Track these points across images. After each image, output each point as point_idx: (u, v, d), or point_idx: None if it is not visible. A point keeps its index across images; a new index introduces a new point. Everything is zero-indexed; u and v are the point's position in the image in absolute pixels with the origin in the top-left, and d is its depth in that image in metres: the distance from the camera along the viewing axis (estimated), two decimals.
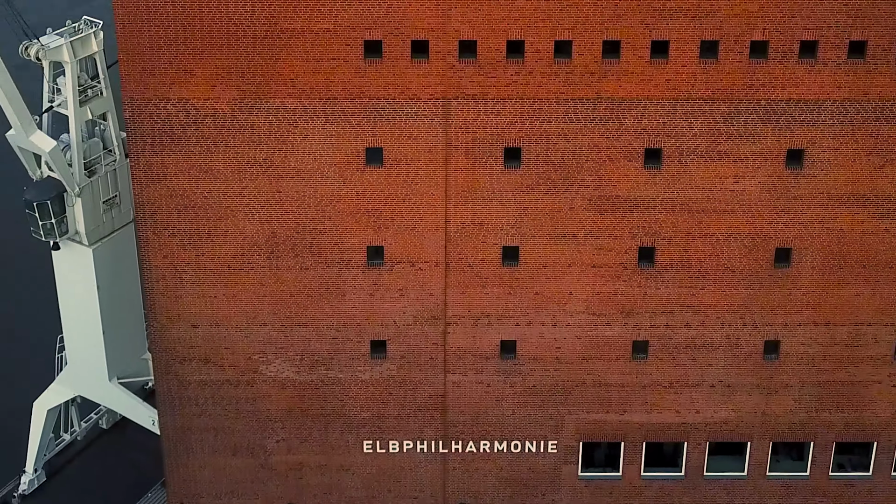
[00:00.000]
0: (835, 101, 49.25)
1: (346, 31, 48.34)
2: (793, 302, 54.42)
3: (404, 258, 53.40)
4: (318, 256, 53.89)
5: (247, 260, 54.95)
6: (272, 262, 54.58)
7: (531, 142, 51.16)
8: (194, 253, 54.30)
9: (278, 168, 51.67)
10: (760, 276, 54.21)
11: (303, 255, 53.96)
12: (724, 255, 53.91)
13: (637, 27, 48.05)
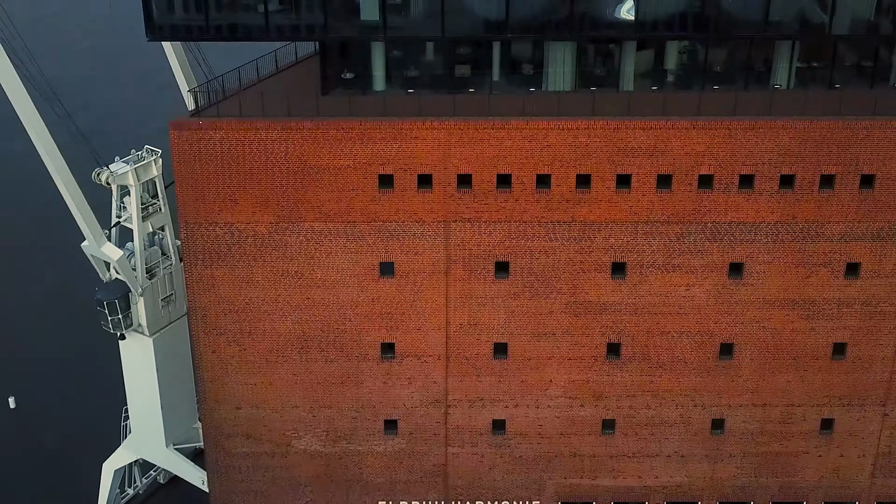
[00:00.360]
0: (769, 224, 48.55)
1: (363, 167, 47.62)
2: (735, 387, 53.26)
3: (412, 353, 52.26)
4: (341, 351, 52.60)
5: (281, 354, 53.67)
6: (302, 356, 53.35)
7: (517, 257, 50.22)
8: (238, 348, 52.97)
9: (307, 279, 50.50)
10: (708, 367, 52.87)
11: (328, 350, 52.66)
12: (677, 350, 52.64)
13: (604, 163, 47.46)
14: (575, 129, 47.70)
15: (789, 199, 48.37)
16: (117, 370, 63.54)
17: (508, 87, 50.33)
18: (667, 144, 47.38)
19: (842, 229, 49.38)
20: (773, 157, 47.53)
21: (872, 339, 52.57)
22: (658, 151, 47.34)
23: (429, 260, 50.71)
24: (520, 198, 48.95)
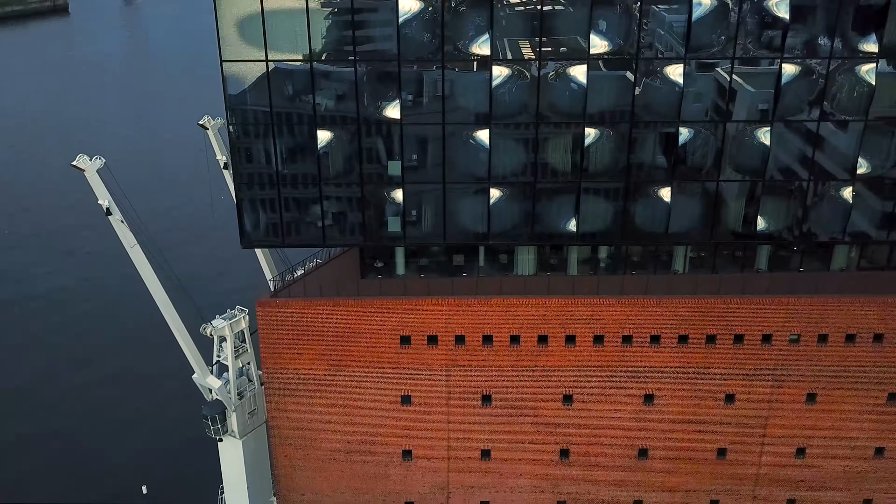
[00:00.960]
0: (671, 367, 46.70)
1: (389, 331, 46.21)
2: (649, 479, 50.50)
3: (424, 456, 49.71)
4: (374, 456, 49.79)
5: (333, 458, 50.22)
6: (347, 459, 50.06)
7: (496, 391, 47.97)
8: (302, 454, 50.15)
9: (350, 407, 48.28)
10: (630, 465, 50.06)
11: (365, 455, 49.86)
12: (608, 453, 49.83)
13: (557, 327, 45.81)
14: (536, 304, 45.75)
15: (685, 351, 46.61)
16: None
17: (490, 272, 47.93)
18: (600, 315, 45.63)
19: (721, 371, 47.08)
20: (673, 323, 45.73)
21: (744, 447, 49.73)
22: (594, 319, 45.81)
23: (435, 394, 48.36)
24: (498, 351, 46.77)
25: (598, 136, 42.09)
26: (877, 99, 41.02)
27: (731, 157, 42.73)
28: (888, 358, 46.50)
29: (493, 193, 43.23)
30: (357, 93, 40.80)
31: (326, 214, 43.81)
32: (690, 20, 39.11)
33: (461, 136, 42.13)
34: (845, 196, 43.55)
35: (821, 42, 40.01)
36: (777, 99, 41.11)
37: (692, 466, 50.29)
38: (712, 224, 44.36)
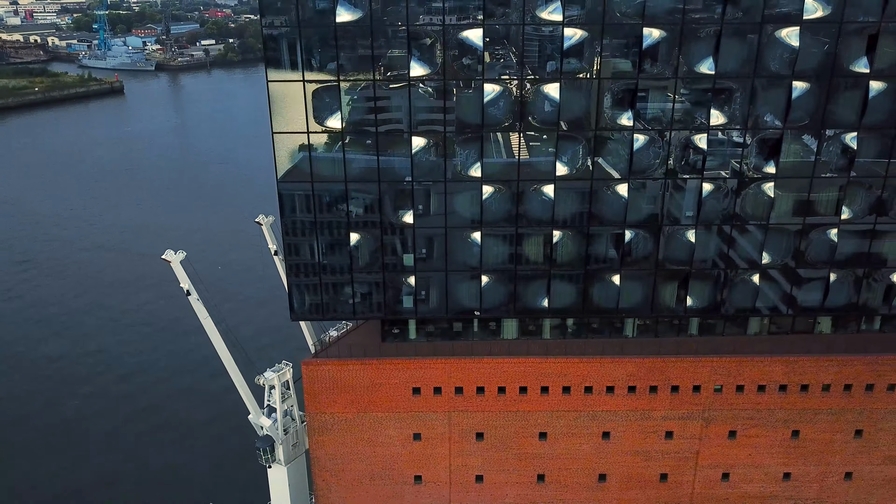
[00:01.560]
0: (623, 411, 50.02)
1: (404, 384, 49.47)
2: (608, 498, 53.11)
3: (432, 480, 52.54)
4: (392, 480, 52.40)
5: (360, 482, 52.79)
6: (372, 482, 52.53)
7: (487, 430, 50.86)
8: (336, 478, 52.83)
9: (374, 442, 51.15)
10: (592, 487, 52.75)
11: (385, 479, 52.40)
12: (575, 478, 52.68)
13: (534, 380, 49.09)
14: (518, 363, 48.82)
15: (633, 398, 49.63)
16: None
17: (482, 337, 50.80)
18: (567, 370, 48.80)
19: (662, 414, 49.99)
20: (624, 377, 48.92)
21: (680, 472, 52.25)
22: (562, 374, 48.96)
23: (439, 432, 51.06)
24: (489, 399, 49.68)
25: (563, 235, 47.05)
26: (775, 209, 46.22)
27: (665, 251, 47.46)
28: (791, 403, 50.65)
29: (483, 279, 47.73)
30: (381, 204, 45.89)
31: (356, 295, 48.20)
32: (632, 151, 44.52)
33: (460, 236, 47.09)
34: (754, 280, 48.42)
35: (731, 165, 45.31)
36: (699, 209, 46.21)
37: (640, 488, 53.24)
38: (652, 301, 48.72)
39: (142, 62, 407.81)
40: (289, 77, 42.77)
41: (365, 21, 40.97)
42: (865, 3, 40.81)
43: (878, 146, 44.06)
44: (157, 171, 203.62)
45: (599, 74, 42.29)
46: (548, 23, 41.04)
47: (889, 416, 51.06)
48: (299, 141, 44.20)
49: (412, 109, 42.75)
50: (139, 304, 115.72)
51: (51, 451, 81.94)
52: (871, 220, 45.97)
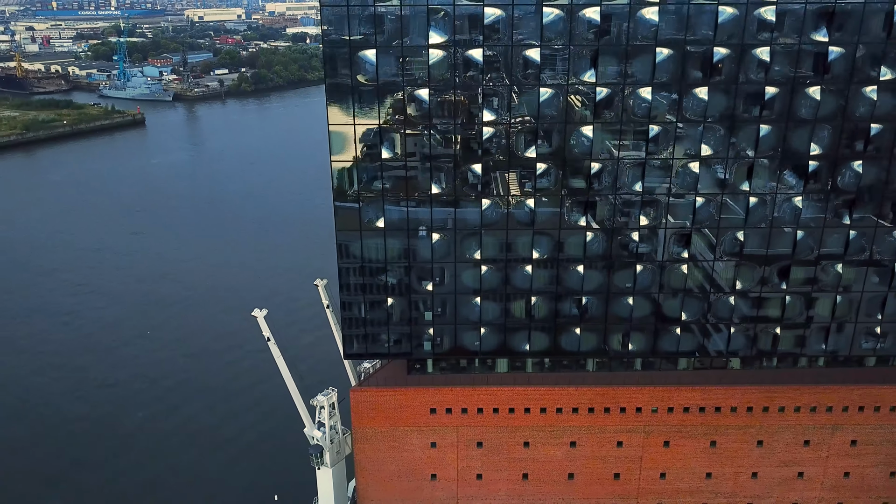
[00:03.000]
0: (586, 426, 67.04)
1: (423, 405, 66.37)
2: (575, 492, 69.73)
3: (443, 478, 69.22)
4: (415, 477, 69.21)
5: (391, 479, 68.87)
6: (399, 479, 68.74)
7: (486, 440, 67.45)
8: (373, 477, 68.99)
9: (401, 449, 67.81)
10: (563, 483, 69.48)
11: (410, 477, 69.06)
12: (551, 476, 69.37)
13: (520, 403, 66.02)
14: (507, 391, 65.72)
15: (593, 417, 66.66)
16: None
17: (482, 371, 67.92)
18: (544, 396, 65.94)
19: (614, 428, 67.01)
20: (585, 401, 66.06)
21: (629, 473, 68.89)
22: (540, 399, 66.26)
23: (450, 441, 67.51)
24: (486, 417, 66.27)
25: (538, 299, 65.52)
26: (688, 281, 65.07)
27: (612, 311, 66.00)
28: (708, 421, 68.48)
29: (482, 330, 65.95)
30: (409, 277, 64.73)
31: (391, 341, 66.57)
32: (585, 246, 63.50)
33: (465, 300, 65.71)
34: (677, 331, 67.07)
35: (657, 253, 63.79)
36: (635, 284, 65.02)
37: (599, 484, 70.39)
38: (605, 346, 67.08)
39: (160, 93, 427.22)
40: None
41: None
42: None
43: (759, 239, 62.79)
44: (188, 203, 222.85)
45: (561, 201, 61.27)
46: None
47: (781, 430, 69.39)
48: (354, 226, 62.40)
49: (432, 218, 61.58)
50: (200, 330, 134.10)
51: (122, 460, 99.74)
52: (758, 290, 64.75)
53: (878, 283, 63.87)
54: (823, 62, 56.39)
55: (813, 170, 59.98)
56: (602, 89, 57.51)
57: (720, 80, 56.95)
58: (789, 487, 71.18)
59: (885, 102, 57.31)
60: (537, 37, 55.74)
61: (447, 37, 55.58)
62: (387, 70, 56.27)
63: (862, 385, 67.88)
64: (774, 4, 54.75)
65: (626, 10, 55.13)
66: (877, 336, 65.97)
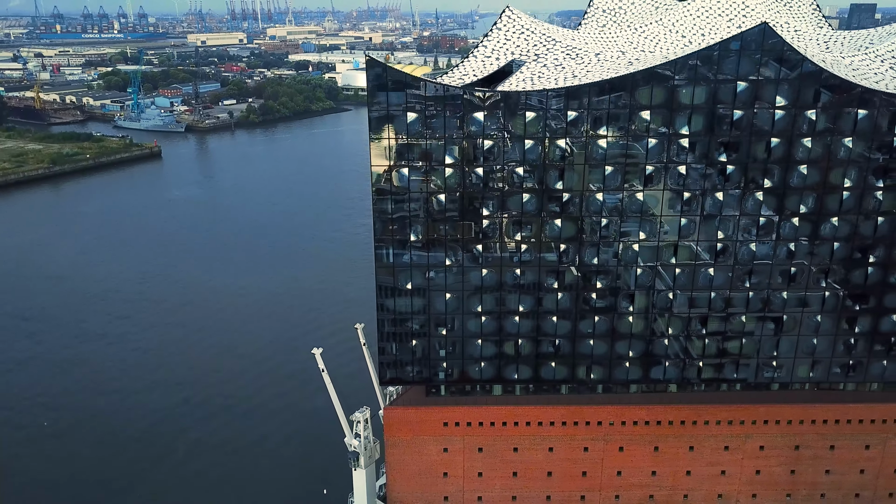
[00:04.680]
0: (559, 436, 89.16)
1: (438, 420, 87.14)
2: (553, 486, 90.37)
3: (453, 475, 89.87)
4: (430, 476, 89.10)
5: (413, 477, 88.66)
6: (419, 477, 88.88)
7: (485, 446, 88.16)
8: (400, 475, 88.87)
9: (420, 453, 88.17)
10: (544, 479, 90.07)
11: (427, 475, 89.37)
12: (534, 474, 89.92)
13: (510, 419, 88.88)
14: (502, 409, 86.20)
15: (565, 428, 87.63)
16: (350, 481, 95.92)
17: (482, 394, 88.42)
18: (529, 413, 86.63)
19: (581, 437, 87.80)
20: (559, 416, 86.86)
21: (593, 471, 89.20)
22: (526, 415, 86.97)
23: (458, 448, 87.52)
24: (485, 429, 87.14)
25: (523, 342, 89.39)
26: (630, 330, 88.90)
27: (577, 351, 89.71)
28: (651, 431, 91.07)
29: (482, 363, 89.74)
30: (429, 324, 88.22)
31: (414, 371, 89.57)
32: (558, 299, 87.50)
33: (470, 342, 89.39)
34: (626, 364, 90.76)
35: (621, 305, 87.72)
36: (594, 328, 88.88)
37: (571, 480, 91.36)
38: (573, 376, 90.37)
39: (173, 124, 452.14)
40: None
41: None
42: None
43: (684, 299, 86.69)
44: (211, 234, 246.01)
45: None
46: None
47: (707, 438, 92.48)
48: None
49: (447, 281, 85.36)
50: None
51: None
52: (685, 335, 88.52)
53: (773, 329, 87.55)
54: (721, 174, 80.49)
55: (720, 249, 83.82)
56: (567, 194, 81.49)
57: (652, 187, 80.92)
58: (715, 482, 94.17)
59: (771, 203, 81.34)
60: (522, 159, 79.73)
61: (457, 159, 79.57)
62: (416, 177, 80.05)
63: (767, 404, 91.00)
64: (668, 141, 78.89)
65: (583, 139, 79.27)
66: (774, 368, 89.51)
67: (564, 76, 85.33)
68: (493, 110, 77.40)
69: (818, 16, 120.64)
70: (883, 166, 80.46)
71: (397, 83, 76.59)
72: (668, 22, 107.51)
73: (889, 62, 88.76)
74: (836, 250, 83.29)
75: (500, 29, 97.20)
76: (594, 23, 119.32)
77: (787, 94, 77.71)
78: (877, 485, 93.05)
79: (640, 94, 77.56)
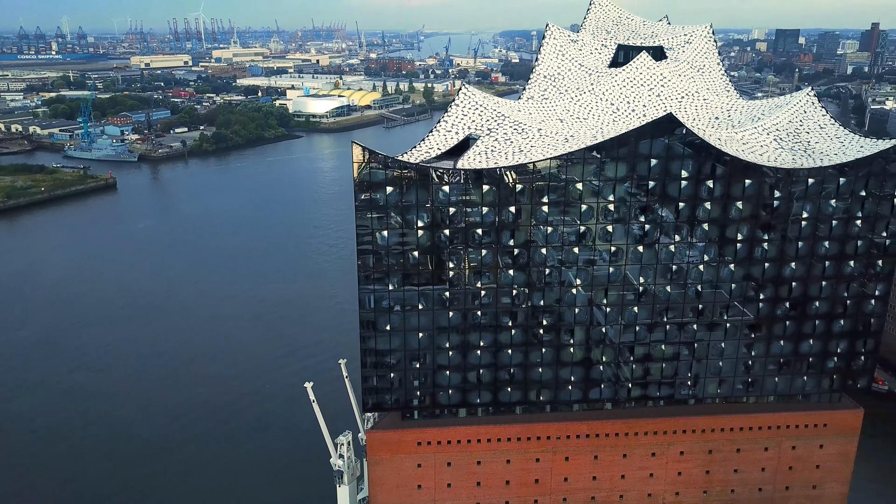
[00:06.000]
0: (517, 450, 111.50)
1: (412, 440, 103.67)
2: (512, 493, 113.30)
3: (426, 487, 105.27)
4: (407, 488, 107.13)
5: (393, 489, 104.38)
6: (398, 489, 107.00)
7: (453, 461, 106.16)
8: (381, 489, 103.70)
9: (397, 469, 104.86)
10: (503, 488, 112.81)
11: (405, 487, 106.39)
12: (495, 483, 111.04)
13: (483, 436, 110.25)
14: (464, 429, 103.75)
15: (520, 443, 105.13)
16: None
17: (449, 417, 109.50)
18: (487, 432, 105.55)
19: (534, 449, 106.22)
20: (514, 434, 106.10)
21: (544, 478, 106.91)
22: (486, 434, 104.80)
23: (430, 463, 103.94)
24: (452, 446, 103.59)
25: (483, 371, 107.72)
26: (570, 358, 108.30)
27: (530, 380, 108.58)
28: (592, 442, 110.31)
29: (450, 391, 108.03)
30: (405, 359, 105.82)
31: (393, 400, 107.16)
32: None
33: (439, 373, 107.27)
34: (569, 388, 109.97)
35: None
36: (541, 359, 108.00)
37: (525, 487, 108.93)
38: (525, 400, 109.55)
39: (125, 154, 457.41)
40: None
41: None
42: None
43: (614, 331, 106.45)
44: (171, 268, 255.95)
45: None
46: None
47: (637, 447, 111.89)
48: None
49: (419, 324, 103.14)
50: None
51: None
52: (615, 363, 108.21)
53: (688, 355, 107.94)
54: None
55: (642, 291, 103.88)
56: (517, 249, 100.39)
57: (585, 243, 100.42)
58: (645, 483, 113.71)
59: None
60: (481, 222, 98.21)
61: (428, 222, 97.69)
62: (394, 238, 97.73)
63: (685, 416, 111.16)
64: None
65: (529, 205, 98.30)
66: (689, 386, 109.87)
67: (512, 150, 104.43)
68: (454, 184, 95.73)
69: (725, 80, 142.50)
70: (767, 222, 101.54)
71: (379, 162, 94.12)
72: (598, 91, 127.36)
73: (773, 135, 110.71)
74: (734, 290, 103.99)
75: (457, 105, 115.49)
76: (537, 87, 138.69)
77: (690, 167, 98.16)
78: (775, 480, 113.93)
79: (573, 170, 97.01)
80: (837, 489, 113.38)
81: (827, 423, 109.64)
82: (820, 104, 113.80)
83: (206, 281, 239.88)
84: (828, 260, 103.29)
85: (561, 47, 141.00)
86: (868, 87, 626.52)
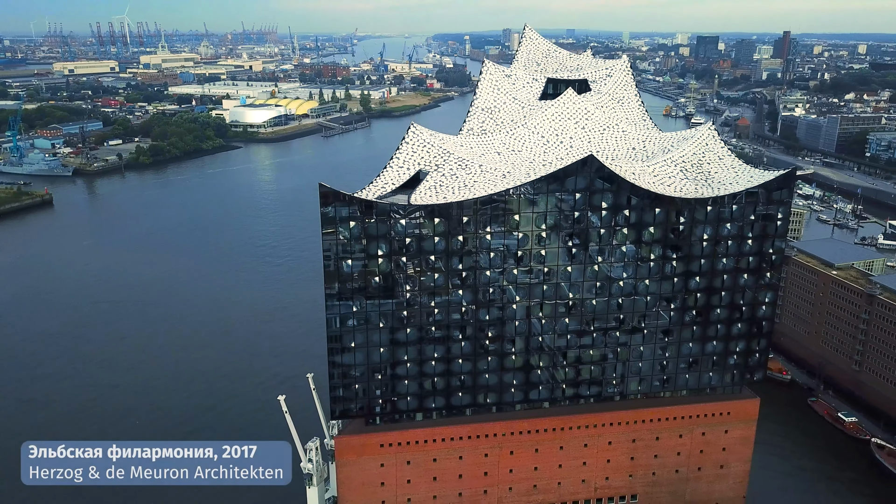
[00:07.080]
0: (495, 444, 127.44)
1: (376, 443, 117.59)
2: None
3: (388, 485, 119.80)
4: (375, 487, 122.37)
5: (360, 488, 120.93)
6: (365, 488, 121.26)
7: (413, 459, 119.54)
8: (348, 487, 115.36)
9: (365, 469, 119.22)
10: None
11: (373, 486, 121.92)
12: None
13: (455, 434, 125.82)
14: (424, 431, 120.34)
15: (479, 441, 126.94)
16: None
17: (410, 420, 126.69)
18: (452, 432, 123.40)
19: (488, 446, 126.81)
20: (474, 432, 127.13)
21: (494, 470, 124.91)
22: (448, 435, 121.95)
23: (392, 462, 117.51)
24: (412, 446, 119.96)
25: (438, 378, 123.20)
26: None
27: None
28: (533, 438, 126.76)
29: (408, 398, 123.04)
30: (367, 372, 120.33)
31: (358, 408, 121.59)
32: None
33: (398, 383, 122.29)
34: (513, 391, 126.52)
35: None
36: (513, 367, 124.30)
37: (476, 479, 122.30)
38: (475, 401, 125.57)
39: (59, 168, 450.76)
40: None
41: None
42: None
43: (551, 340, 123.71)
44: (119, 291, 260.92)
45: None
46: None
47: (572, 439, 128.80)
48: None
49: (381, 340, 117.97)
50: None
51: None
52: (551, 369, 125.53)
53: (612, 358, 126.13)
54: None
55: (571, 305, 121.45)
56: (465, 272, 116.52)
57: (523, 265, 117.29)
58: (580, 470, 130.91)
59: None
60: (433, 250, 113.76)
61: (387, 250, 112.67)
62: (357, 265, 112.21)
63: (612, 411, 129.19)
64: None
65: (473, 234, 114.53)
66: (615, 385, 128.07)
67: (458, 185, 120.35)
68: (411, 217, 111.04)
69: (642, 110, 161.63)
70: (674, 244, 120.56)
71: (343, 200, 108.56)
72: (531, 125, 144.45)
73: (679, 166, 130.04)
74: (649, 302, 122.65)
75: (407, 143, 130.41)
76: (476, 120, 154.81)
77: (609, 199, 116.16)
78: (689, 462, 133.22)
79: (511, 203, 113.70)
80: (741, 467, 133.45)
81: (730, 411, 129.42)
82: (720, 138, 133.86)
83: (154, 302, 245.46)
84: (726, 274, 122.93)
85: (496, 82, 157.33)
86: (780, 93, 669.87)
